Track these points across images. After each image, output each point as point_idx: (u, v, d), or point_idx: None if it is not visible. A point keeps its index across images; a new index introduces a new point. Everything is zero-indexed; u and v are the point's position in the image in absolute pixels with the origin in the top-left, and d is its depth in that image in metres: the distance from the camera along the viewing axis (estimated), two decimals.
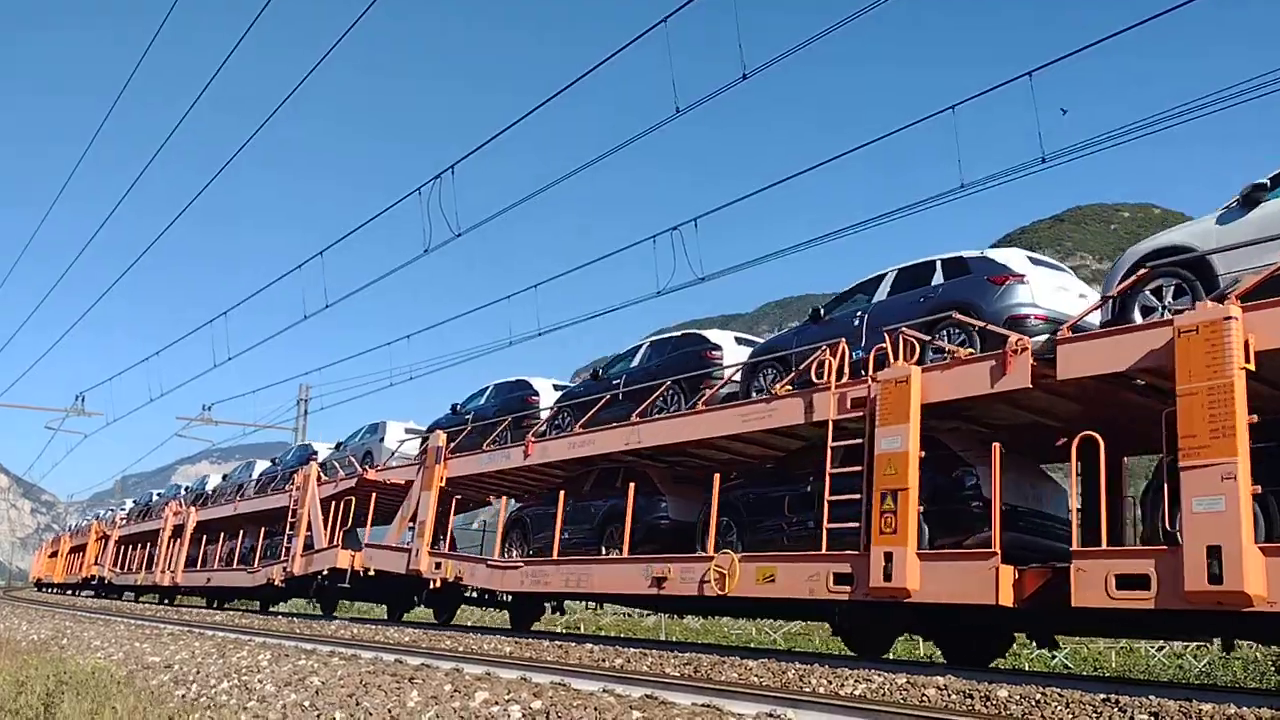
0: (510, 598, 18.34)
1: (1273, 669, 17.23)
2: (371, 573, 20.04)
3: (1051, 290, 10.79)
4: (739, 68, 12.89)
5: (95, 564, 42.97)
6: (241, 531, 28.39)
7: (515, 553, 16.76)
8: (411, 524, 18.82)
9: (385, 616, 25.36)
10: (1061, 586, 8.54)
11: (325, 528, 22.25)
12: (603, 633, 28.55)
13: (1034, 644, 14.07)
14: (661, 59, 13.19)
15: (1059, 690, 7.43)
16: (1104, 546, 8.50)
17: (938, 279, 11.50)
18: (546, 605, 18.92)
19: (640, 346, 16.20)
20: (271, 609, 30.26)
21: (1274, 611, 7.47)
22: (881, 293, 12.14)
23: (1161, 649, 25.22)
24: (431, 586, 17.83)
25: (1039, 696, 7.28)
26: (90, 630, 18.02)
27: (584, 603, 19.83)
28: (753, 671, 9.53)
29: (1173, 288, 9.01)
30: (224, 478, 35.92)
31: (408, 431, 23.37)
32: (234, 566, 27.96)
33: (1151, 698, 6.96)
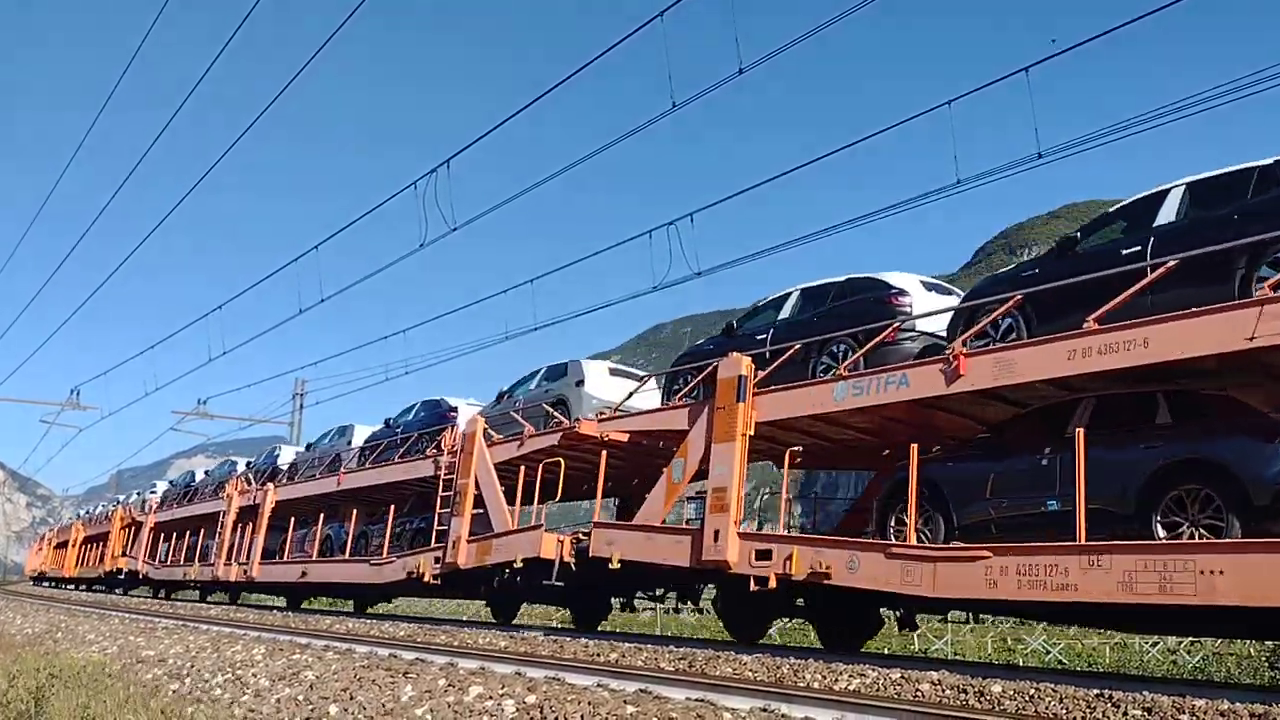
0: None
1: (1266, 665, 17.27)
2: (616, 565, 13.81)
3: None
4: (735, 63, 12.85)
5: (124, 555, 37.08)
6: (342, 514, 22.72)
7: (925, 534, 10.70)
8: (695, 495, 13.99)
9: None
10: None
11: (508, 504, 16.48)
12: (597, 627, 28.52)
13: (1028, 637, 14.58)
14: (659, 54, 13.16)
15: (1052, 685, 7.43)
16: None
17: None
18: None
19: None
20: (369, 610, 25.96)
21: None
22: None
23: (1156, 644, 25.28)
24: (756, 586, 11.64)
25: (1032, 691, 7.28)
26: (84, 624, 17.99)
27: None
28: (747, 667, 9.53)
29: None
30: (307, 447, 28.62)
31: (613, 373, 18.25)
32: (343, 557, 21.71)
33: (1145, 693, 6.96)
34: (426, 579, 17.59)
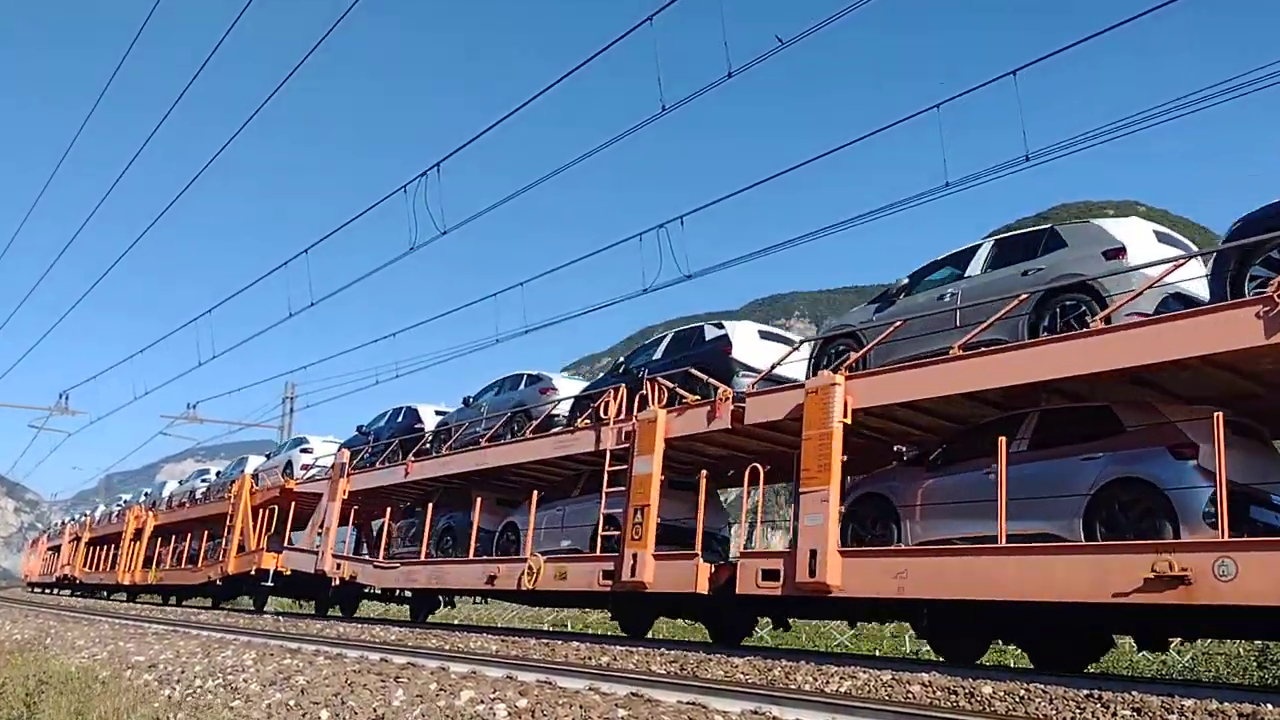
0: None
1: (1255, 665, 17.35)
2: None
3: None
4: (724, 66, 12.87)
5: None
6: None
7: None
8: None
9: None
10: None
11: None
12: (590, 630, 28.54)
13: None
14: (649, 58, 13.17)
15: (1043, 686, 7.46)
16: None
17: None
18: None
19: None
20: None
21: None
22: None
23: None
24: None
25: (1023, 692, 7.31)
26: (74, 630, 17.92)
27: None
28: (739, 669, 9.55)
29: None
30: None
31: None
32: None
33: (1134, 693, 7.00)
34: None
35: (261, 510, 25.51)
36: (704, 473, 13.08)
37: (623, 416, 14.15)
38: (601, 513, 13.92)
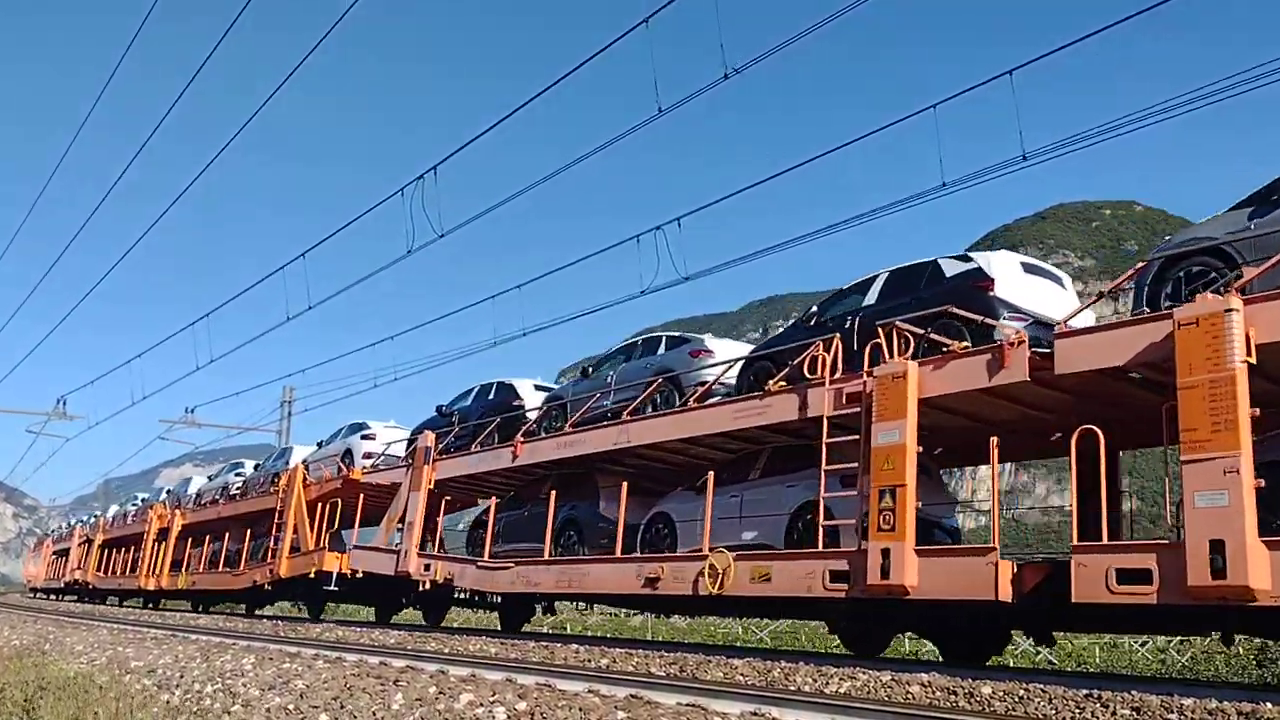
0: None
1: (1254, 664, 17.34)
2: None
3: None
4: (721, 67, 12.87)
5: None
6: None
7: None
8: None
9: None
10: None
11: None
12: (589, 633, 28.53)
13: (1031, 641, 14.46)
14: (645, 61, 13.17)
15: (1042, 686, 7.46)
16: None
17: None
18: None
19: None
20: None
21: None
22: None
23: (1145, 644, 25.37)
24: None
25: (1022, 693, 7.31)
26: (73, 635, 17.90)
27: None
28: (738, 670, 9.54)
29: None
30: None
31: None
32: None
33: (1134, 693, 7.00)
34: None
35: (320, 505, 22.14)
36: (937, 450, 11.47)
37: (839, 375, 11.28)
38: (821, 497, 11.01)
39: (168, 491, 37.25)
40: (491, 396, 19.36)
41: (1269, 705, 6.29)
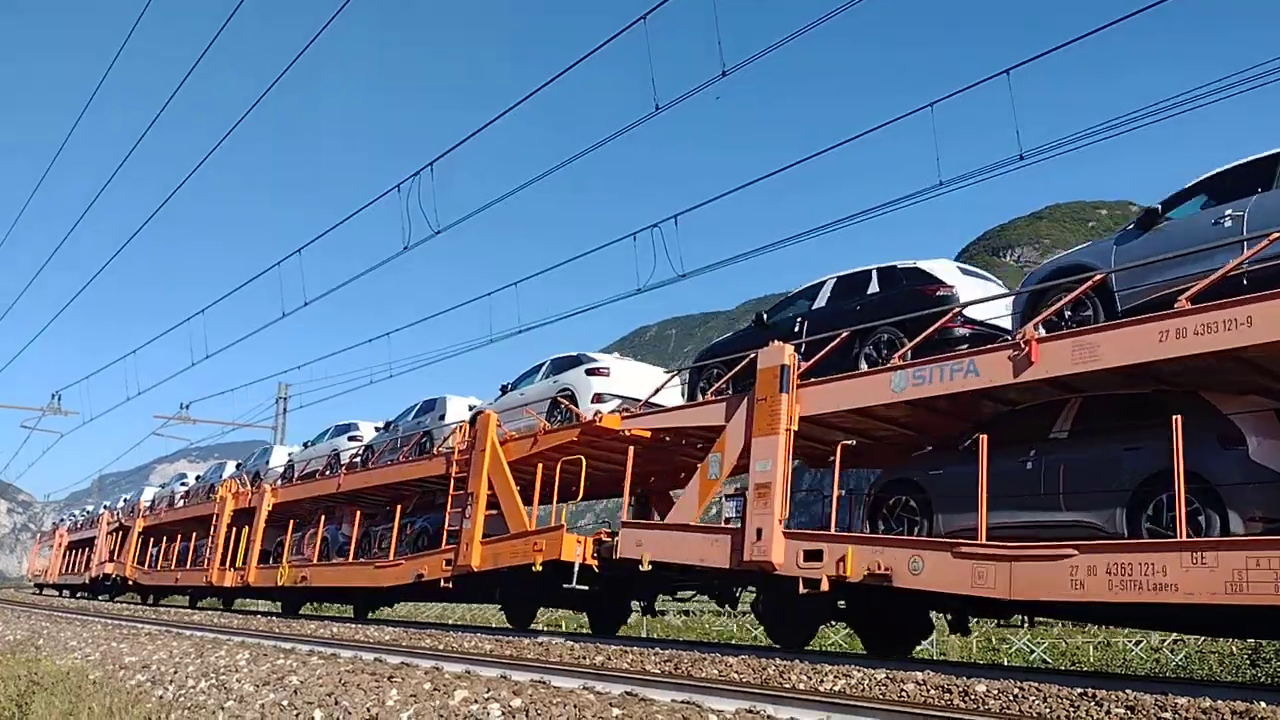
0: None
1: (1248, 663, 17.40)
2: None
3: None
4: (718, 65, 12.87)
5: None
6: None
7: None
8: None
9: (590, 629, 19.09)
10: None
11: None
12: (584, 630, 28.55)
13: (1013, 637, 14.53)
14: (643, 58, 13.16)
15: (1036, 685, 7.47)
16: None
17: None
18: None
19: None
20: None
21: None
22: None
23: (1139, 643, 25.44)
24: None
25: (1016, 691, 7.32)
26: (67, 630, 17.87)
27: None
28: (733, 668, 9.54)
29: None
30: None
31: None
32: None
33: (1128, 691, 7.01)
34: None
35: (550, 464, 15.69)
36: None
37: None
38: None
39: (237, 465, 30.79)
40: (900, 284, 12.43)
41: (1263, 704, 6.30)
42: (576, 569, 13.82)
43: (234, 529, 25.76)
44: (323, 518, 22.71)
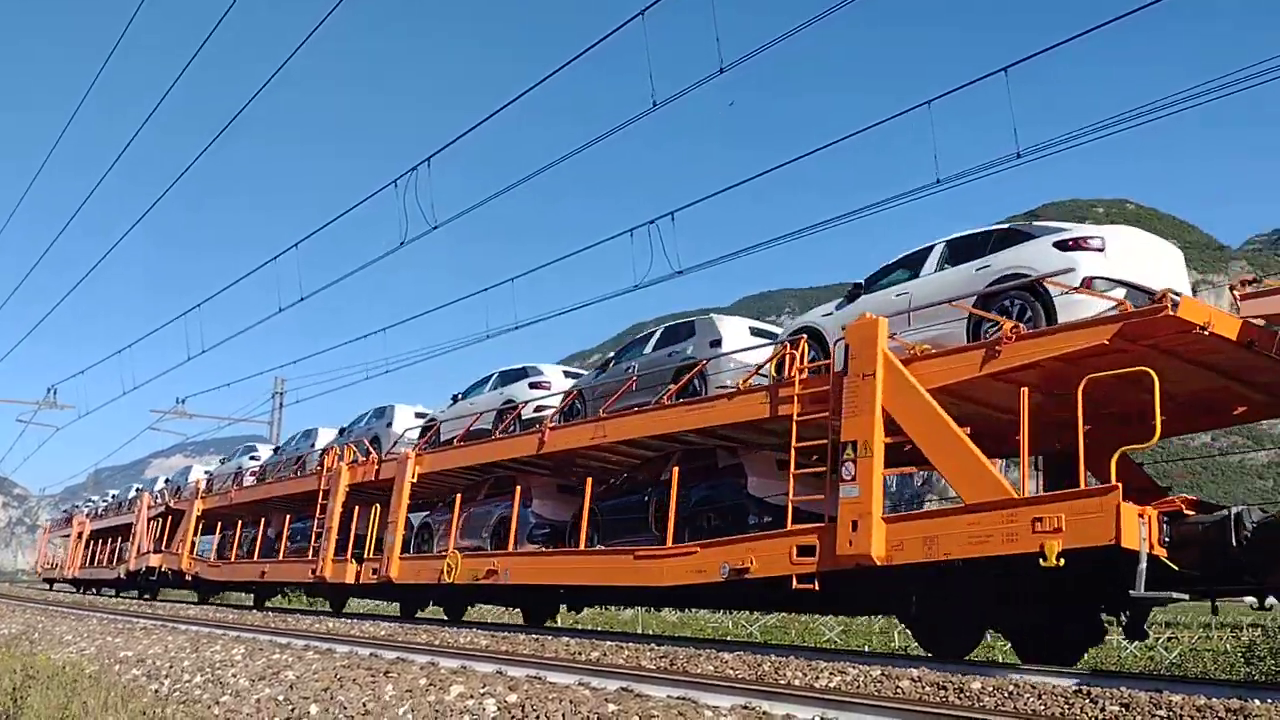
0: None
1: (1242, 661, 17.42)
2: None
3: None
4: (716, 62, 12.87)
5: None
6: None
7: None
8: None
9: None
10: None
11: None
12: (579, 626, 28.56)
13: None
14: (640, 54, 13.16)
15: (1032, 682, 7.49)
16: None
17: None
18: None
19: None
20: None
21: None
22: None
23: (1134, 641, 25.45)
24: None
25: (1012, 688, 7.33)
26: (62, 625, 17.85)
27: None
28: (729, 664, 9.55)
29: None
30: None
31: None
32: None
33: (1123, 688, 7.02)
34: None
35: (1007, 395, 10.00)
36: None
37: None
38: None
39: (342, 430, 24.29)
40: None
41: (1256, 702, 6.32)
42: (1143, 565, 8.15)
43: (370, 509, 20.16)
44: (483, 492, 17.77)
